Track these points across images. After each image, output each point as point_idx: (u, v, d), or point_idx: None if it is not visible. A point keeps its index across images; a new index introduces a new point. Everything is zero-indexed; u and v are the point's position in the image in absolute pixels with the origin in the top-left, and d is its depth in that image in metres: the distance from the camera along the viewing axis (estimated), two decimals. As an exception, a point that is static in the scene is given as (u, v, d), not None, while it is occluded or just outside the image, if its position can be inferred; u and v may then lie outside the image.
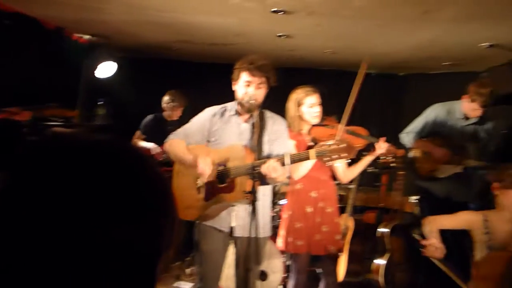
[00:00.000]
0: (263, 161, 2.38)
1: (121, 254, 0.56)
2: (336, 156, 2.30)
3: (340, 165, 3.25)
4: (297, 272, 3.09)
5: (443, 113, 3.82)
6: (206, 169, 2.41)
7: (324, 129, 3.09)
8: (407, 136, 3.87)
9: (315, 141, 3.09)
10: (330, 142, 2.34)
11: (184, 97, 4.62)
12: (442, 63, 4.80)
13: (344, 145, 2.31)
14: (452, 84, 4.27)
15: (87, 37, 4.40)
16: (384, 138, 3.21)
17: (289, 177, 2.80)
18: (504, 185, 2.60)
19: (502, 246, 2.60)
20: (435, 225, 2.75)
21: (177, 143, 2.63)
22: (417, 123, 3.90)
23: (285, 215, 3.12)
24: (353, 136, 3.17)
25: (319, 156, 2.34)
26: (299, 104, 3.02)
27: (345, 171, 3.28)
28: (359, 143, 3.18)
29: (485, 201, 4.04)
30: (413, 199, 4.51)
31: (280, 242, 3.12)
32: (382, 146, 3.13)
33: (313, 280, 3.58)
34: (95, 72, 4.44)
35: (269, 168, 2.32)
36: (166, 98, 4.60)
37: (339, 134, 3.03)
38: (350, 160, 3.67)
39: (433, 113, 3.85)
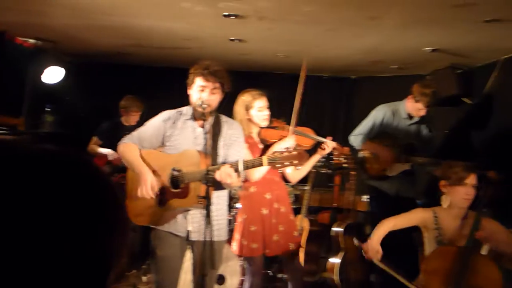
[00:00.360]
0: (217, 167, 2.39)
1: (66, 265, 0.55)
2: (288, 163, 2.35)
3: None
4: (252, 275, 3.12)
5: (388, 113, 3.98)
6: (149, 191, 2.42)
7: (273, 131, 3.14)
8: (356, 138, 4.00)
9: (265, 143, 3.13)
10: (283, 144, 2.38)
11: (141, 102, 4.56)
12: (390, 67, 4.99)
13: (296, 152, 2.36)
14: (399, 87, 4.46)
15: (32, 41, 4.22)
16: (330, 137, 3.31)
17: (243, 181, 2.81)
18: (451, 183, 2.71)
19: (450, 241, 2.71)
20: (387, 226, 2.81)
21: (129, 148, 2.59)
22: (365, 125, 4.03)
23: (239, 218, 3.13)
24: (301, 137, 3.24)
25: (272, 162, 2.37)
26: (247, 108, 3.04)
27: (293, 172, 3.33)
28: (307, 143, 3.25)
29: (431, 198, 4.24)
30: (365, 198, 4.66)
31: (234, 245, 3.12)
32: (329, 145, 3.23)
33: (269, 281, 3.61)
34: (41, 77, 4.26)
35: (223, 174, 2.34)
36: (122, 103, 4.53)
37: (289, 135, 3.10)
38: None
39: (379, 114, 3.99)
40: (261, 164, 2.40)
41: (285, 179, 3.37)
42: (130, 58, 5.05)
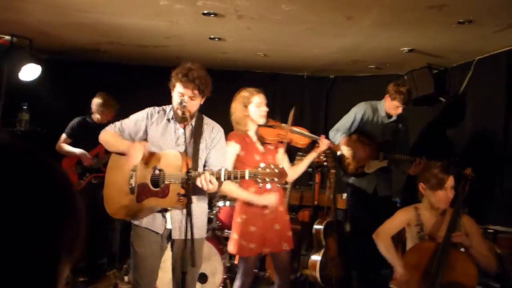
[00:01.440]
0: (198, 173, 2.42)
1: (14, 255, 0.55)
2: (268, 179, 2.37)
3: (285, 165, 3.28)
4: (243, 274, 3.10)
5: (369, 111, 4.06)
6: (137, 155, 2.44)
7: (271, 129, 3.17)
8: (336, 133, 4.05)
9: (262, 141, 3.14)
10: (263, 165, 2.41)
11: (115, 100, 4.46)
12: (368, 66, 5.07)
13: (277, 170, 2.39)
14: (377, 86, 4.54)
15: (7, 38, 4.12)
16: (323, 136, 3.36)
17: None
18: (430, 187, 2.74)
19: (431, 236, 2.77)
20: (386, 237, 2.83)
21: (112, 134, 2.64)
22: (345, 121, 4.09)
23: (238, 219, 3.10)
24: (298, 135, 3.28)
25: (252, 177, 2.39)
26: (246, 104, 3.05)
27: (290, 170, 3.31)
28: (303, 141, 3.29)
29: (408, 195, 4.34)
30: (345, 195, 4.72)
31: (231, 246, 3.10)
32: (324, 143, 3.27)
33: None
34: (17, 75, 4.17)
35: (205, 181, 2.37)
36: (96, 101, 4.38)
37: (286, 133, 3.12)
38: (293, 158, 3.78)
39: (360, 111, 4.06)
40: (243, 177, 2.42)
41: None
42: (108, 55, 4.99)
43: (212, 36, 3.95)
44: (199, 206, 2.63)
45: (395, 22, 3.29)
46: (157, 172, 2.49)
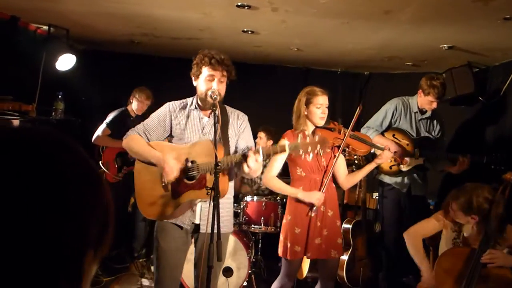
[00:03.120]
0: (231, 157, 2.36)
1: (39, 246, 0.53)
2: (310, 149, 2.30)
3: (341, 171, 3.22)
4: (286, 276, 3.04)
5: (400, 106, 3.92)
6: (174, 170, 2.36)
7: (328, 132, 3.07)
8: (368, 131, 3.93)
9: None
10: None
11: (151, 94, 4.57)
12: (404, 63, 4.91)
13: (316, 139, 2.30)
14: (414, 84, 4.38)
15: (45, 28, 4.22)
16: (388, 147, 3.24)
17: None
18: (480, 220, 2.55)
19: (466, 243, 2.65)
20: (417, 237, 2.73)
21: (136, 140, 2.54)
22: (377, 117, 3.96)
23: (284, 220, 3.06)
24: (358, 141, 3.17)
25: (293, 149, 2.32)
26: (307, 103, 2.99)
27: (347, 177, 3.24)
28: (364, 149, 3.19)
29: (444, 198, 4.18)
30: (376, 195, 4.60)
31: (279, 247, 3.04)
32: (387, 156, 3.16)
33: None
34: (54, 64, 4.27)
35: (253, 160, 2.28)
36: (137, 93, 4.53)
37: (345, 138, 3.03)
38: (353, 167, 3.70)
39: (391, 106, 3.93)
40: (283, 150, 2.34)
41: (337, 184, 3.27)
42: (141, 47, 5.04)
43: (245, 29, 3.91)
44: (226, 199, 2.57)
45: (435, 17, 3.15)
46: (189, 164, 2.43)
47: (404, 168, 3.86)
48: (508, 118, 4.18)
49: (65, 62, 4.33)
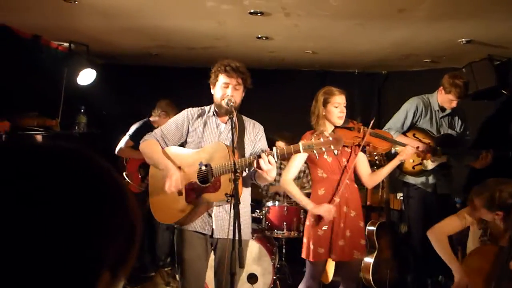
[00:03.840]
0: (245, 159, 2.35)
1: (48, 261, 0.53)
2: (325, 148, 2.28)
3: (364, 169, 3.19)
4: (311, 277, 3.03)
5: (421, 105, 3.86)
6: (177, 184, 2.41)
7: (347, 132, 3.05)
8: (389, 132, 3.87)
9: None
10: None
11: (175, 106, 4.52)
12: (422, 60, 4.84)
13: (331, 138, 2.30)
14: (433, 81, 4.31)
15: (65, 44, 4.35)
16: (408, 144, 3.20)
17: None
18: (504, 217, 2.48)
19: (493, 240, 2.59)
20: (441, 234, 2.68)
21: (152, 145, 2.59)
22: (398, 118, 3.90)
23: (307, 222, 3.05)
24: (378, 139, 3.15)
25: (307, 149, 2.31)
26: (325, 103, 2.99)
27: (371, 176, 3.21)
28: (385, 145, 3.16)
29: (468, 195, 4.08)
30: (399, 196, 4.53)
31: (303, 250, 3.03)
32: (409, 151, 3.14)
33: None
34: (75, 79, 4.39)
35: (266, 162, 2.28)
36: (159, 107, 4.49)
37: (366, 136, 3.01)
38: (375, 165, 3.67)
39: (412, 106, 3.87)
40: (297, 151, 2.33)
41: (360, 184, 3.25)
42: (159, 59, 5.13)
43: (259, 35, 3.94)
44: (243, 206, 2.55)
45: (451, 12, 3.11)
46: (203, 168, 2.46)
47: (428, 166, 3.78)
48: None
49: (86, 76, 4.45)
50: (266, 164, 2.29)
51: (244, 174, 2.56)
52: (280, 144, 4.52)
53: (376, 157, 3.82)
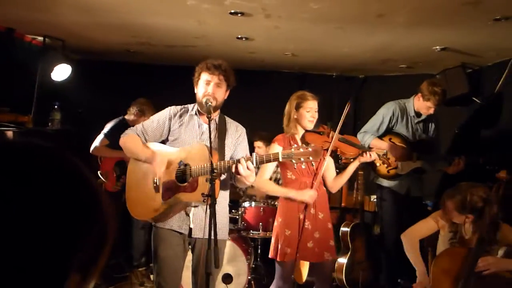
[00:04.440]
0: (225, 162, 2.37)
1: (23, 262, 0.52)
2: (303, 159, 2.33)
3: (330, 174, 3.25)
4: (280, 278, 3.05)
5: (397, 110, 3.93)
6: (163, 162, 2.42)
7: (317, 136, 3.11)
8: (365, 135, 3.94)
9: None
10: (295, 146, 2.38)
11: (152, 106, 4.43)
12: (399, 66, 4.94)
13: (310, 149, 2.34)
14: (408, 86, 4.41)
15: (40, 39, 4.24)
16: (374, 149, 3.28)
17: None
18: (475, 219, 2.56)
19: (463, 242, 2.66)
20: (414, 238, 2.74)
21: (133, 139, 2.58)
22: (373, 122, 3.97)
23: (275, 222, 3.09)
24: (346, 145, 3.20)
25: (286, 158, 2.35)
26: (297, 107, 3.05)
27: (335, 180, 3.26)
28: (352, 151, 3.21)
29: (439, 199, 4.19)
30: (373, 198, 4.61)
31: (271, 250, 3.07)
32: (372, 156, 3.19)
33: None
34: (50, 75, 4.28)
35: (245, 167, 2.30)
36: (135, 106, 4.38)
37: (333, 141, 3.06)
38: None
39: (388, 111, 3.94)
40: (276, 159, 2.38)
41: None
42: (137, 56, 5.06)
43: (239, 36, 3.94)
44: (221, 206, 2.59)
45: (428, 19, 3.19)
46: (182, 167, 2.46)
47: (402, 171, 3.87)
48: (503, 117, 4.21)
49: (61, 72, 4.35)
50: (245, 170, 2.31)
51: (223, 176, 2.55)
52: (259, 143, 4.54)
53: (351, 160, 3.87)
